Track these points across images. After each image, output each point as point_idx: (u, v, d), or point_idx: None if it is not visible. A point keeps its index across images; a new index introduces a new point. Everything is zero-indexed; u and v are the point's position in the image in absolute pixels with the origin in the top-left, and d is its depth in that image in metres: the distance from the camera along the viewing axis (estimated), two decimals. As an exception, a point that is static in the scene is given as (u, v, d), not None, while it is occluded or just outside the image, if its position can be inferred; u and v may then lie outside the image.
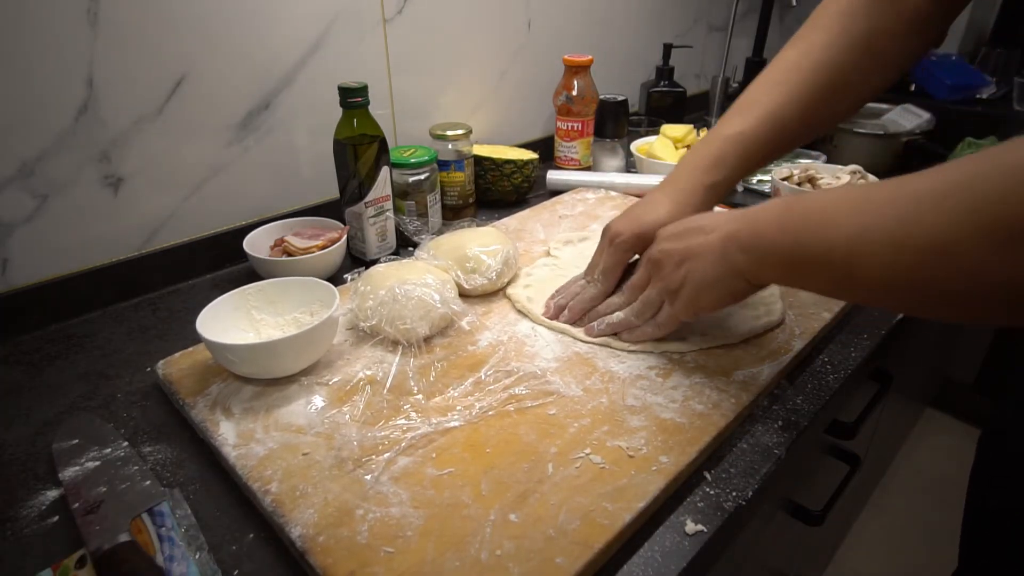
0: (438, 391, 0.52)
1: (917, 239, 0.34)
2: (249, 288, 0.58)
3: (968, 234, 0.31)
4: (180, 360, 0.56)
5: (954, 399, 1.77)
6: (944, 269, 0.33)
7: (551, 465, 0.44)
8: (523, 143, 1.12)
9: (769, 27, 1.50)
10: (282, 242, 0.73)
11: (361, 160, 0.70)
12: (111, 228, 0.69)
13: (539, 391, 0.51)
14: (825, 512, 0.71)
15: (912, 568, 1.38)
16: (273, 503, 0.41)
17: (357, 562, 0.37)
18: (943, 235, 0.32)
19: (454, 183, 0.88)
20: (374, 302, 0.57)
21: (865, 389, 0.71)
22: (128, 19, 0.63)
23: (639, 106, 1.35)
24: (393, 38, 0.86)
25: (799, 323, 0.60)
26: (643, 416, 0.48)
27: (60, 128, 0.62)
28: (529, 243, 0.78)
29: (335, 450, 0.45)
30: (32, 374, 0.59)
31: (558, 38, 1.10)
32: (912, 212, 0.34)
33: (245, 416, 0.49)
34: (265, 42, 0.74)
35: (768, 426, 0.51)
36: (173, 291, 0.73)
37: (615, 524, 0.39)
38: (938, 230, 0.33)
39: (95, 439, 0.49)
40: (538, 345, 0.58)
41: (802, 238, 0.41)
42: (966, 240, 0.31)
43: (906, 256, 0.35)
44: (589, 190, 0.95)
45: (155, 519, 0.42)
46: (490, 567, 0.37)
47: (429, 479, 0.43)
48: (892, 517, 1.50)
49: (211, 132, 0.73)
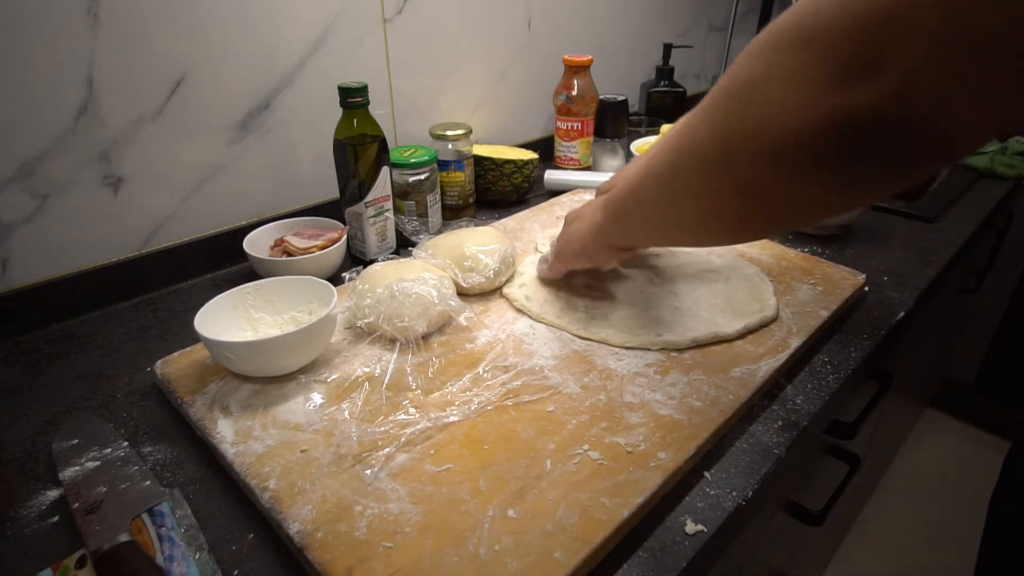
0: (436, 387, 0.52)
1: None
2: (247, 287, 0.58)
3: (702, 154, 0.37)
4: (178, 359, 0.56)
5: (954, 399, 1.77)
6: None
7: (549, 461, 0.44)
8: (523, 143, 1.12)
9: (768, 27, 1.50)
10: (282, 242, 0.73)
11: (361, 160, 0.71)
12: (111, 228, 0.69)
13: (537, 387, 0.51)
14: (825, 512, 0.71)
15: (912, 568, 1.38)
16: (271, 500, 0.41)
17: (356, 558, 0.37)
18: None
19: (454, 183, 0.88)
20: (372, 300, 0.57)
21: (865, 389, 0.71)
22: (128, 19, 0.63)
23: (639, 106, 1.35)
24: (393, 38, 0.86)
25: (796, 321, 0.60)
26: (641, 413, 0.48)
27: (60, 128, 0.63)
28: (527, 243, 0.78)
29: (333, 447, 0.45)
30: (32, 374, 0.59)
31: (558, 38, 1.11)
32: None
33: (243, 414, 0.49)
34: (265, 42, 0.74)
35: (768, 426, 0.51)
36: (173, 291, 0.74)
37: (613, 520, 0.39)
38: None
39: (95, 439, 0.50)
40: (536, 343, 0.58)
41: (627, 207, 0.50)
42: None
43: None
44: (587, 191, 0.95)
45: (155, 519, 0.42)
46: (488, 563, 0.37)
47: (427, 475, 0.43)
48: (892, 517, 1.50)
49: (211, 132, 0.73)
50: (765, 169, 0.32)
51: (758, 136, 0.31)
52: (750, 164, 0.33)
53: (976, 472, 1.61)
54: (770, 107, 0.30)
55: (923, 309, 0.72)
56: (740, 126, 0.33)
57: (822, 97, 0.28)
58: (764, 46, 0.31)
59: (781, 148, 0.31)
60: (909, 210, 0.90)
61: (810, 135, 0.29)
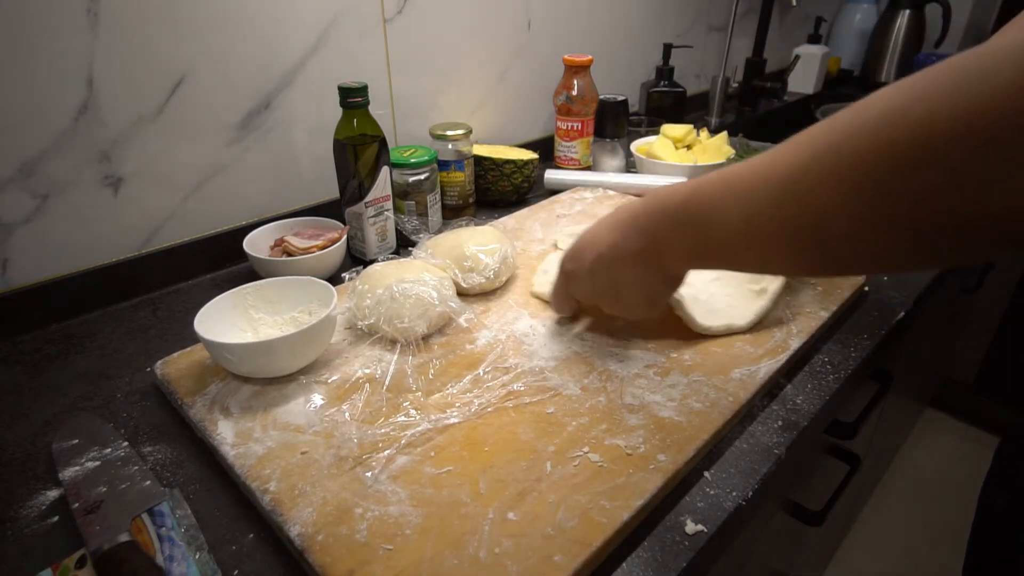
0: (437, 388, 0.52)
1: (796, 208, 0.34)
2: (247, 287, 0.58)
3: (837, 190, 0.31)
4: (178, 360, 0.56)
5: (954, 399, 1.77)
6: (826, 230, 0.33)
7: (549, 463, 0.44)
8: (523, 143, 1.12)
9: (769, 27, 1.50)
10: (282, 242, 0.73)
11: (361, 160, 0.70)
12: (111, 228, 0.69)
13: (537, 388, 0.51)
14: (825, 512, 0.71)
15: (912, 568, 1.38)
16: (272, 502, 0.41)
17: (356, 560, 0.37)
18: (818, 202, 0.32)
19: (454, 183, 0.88)
20: (372, 301, 0.57)
21: (865, 389, 0.71)
22: (128, 19, 0.63)
23: (639, 106, 1.35)
24: (393, 38, 0.86)
25: (797, 322, 0.60)
26: (641, 414, 0.48)
27: (60, 128, 0.63)
28: (527, 242, 0.78)
29: (334, 448, 0.45)
30: (32, 374, 0.59)
31: (558, 38, 1.11)
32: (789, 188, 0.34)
33: (243, 415, 0.49)
34: (265, 42, 0.74)
35: (768, 426, 0.51)
36: (173, 291, 0.74)
37: (613, 522, 0.39)
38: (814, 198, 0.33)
39: (95, 439, 0.50)
40: (536, 343, 0.58)
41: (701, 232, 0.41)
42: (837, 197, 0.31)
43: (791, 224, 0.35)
44: (587, 189, 0.95)
45: (155, 519, 0.42)
46: (488, 565, 0.37)
47: (428, 477, 0.43)
48: (892, 517, 1.50)
49: (211, 132, 0.73)
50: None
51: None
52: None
53: (976, 472, 1.60)
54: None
55: (923, 309, 0.72)
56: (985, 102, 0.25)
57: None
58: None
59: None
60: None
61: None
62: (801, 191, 0.33)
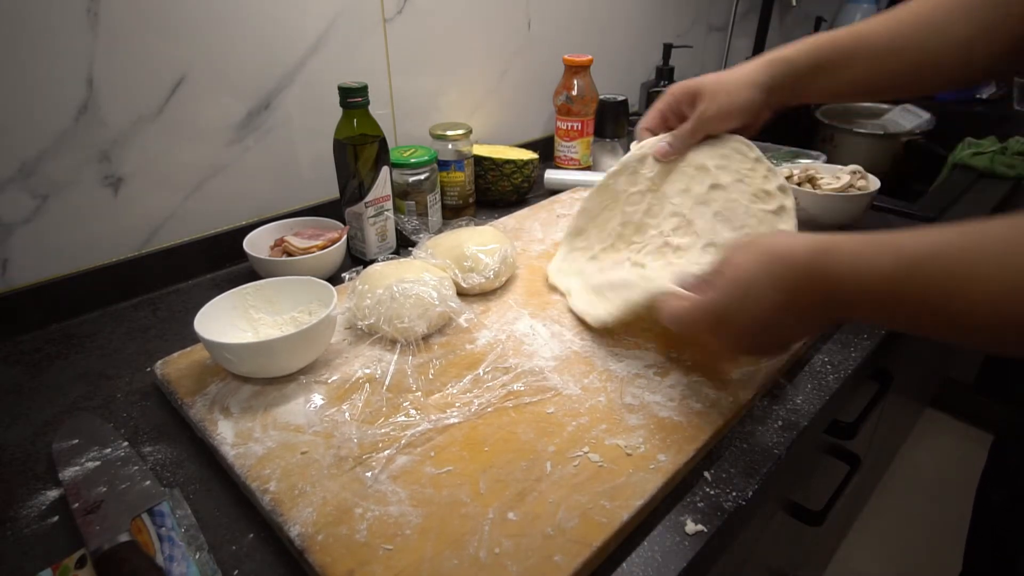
0: (437, 388, 0.52)
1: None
2: (247, 287, 0.58)
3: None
4: (178, 360, 0.56)
5: (954, 399, 1.77)
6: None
7: (549, 463, 0.44)
8: (523, 143, 1.12)
9: (769, 27, 1.50)
10: (282, 242, 0.73)
11: (361, 160, 0.70)
12: (111, 228, 0.69)
13: (537, 388, 0.51)
14: (825, 512, 0.71)
15: (912, 568, 1.38)
16: (272, 502, 0.41)
17: (356, 560, 0.37)
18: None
19: (454, 183, 0.88)
20: (372, 301, 0.57)
21: (865, 389, 0.71)
22: (128, 19, 0.63)
23: (639, 106, 1.35)
24: (393, 38, 0.86)
25: (798, 322, 0.60)
26: (641, 414, 0.48)
27: (60, 128, 0.63)
28: (527, 242, 0.78)
29: (334, 448, 0.45)
30: (32, 374, 0.59)
31: (558, 38, 1.10)
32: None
33: (243, 415, 0.49)
34: (265, 42, 0.74)
35: (768, 426, 0.51)
36: (173, 291, 0.74)
37: (613, 522, 0.39)
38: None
39: (95, 439, 0.50)
40: (536, 343, 0.58)
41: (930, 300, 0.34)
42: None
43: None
44: (587, 189, 0.95)
45: (155, 519, 0.42)
46: (488, 565, 0.37)
47: (428, 477, 0.43)
48: (892, 517, 1.50)
49: (211, 132, 0.73)
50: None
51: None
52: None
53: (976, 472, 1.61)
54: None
55: (923, 310, 0.72)
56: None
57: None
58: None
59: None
60: (910, 210, 0.90)
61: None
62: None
